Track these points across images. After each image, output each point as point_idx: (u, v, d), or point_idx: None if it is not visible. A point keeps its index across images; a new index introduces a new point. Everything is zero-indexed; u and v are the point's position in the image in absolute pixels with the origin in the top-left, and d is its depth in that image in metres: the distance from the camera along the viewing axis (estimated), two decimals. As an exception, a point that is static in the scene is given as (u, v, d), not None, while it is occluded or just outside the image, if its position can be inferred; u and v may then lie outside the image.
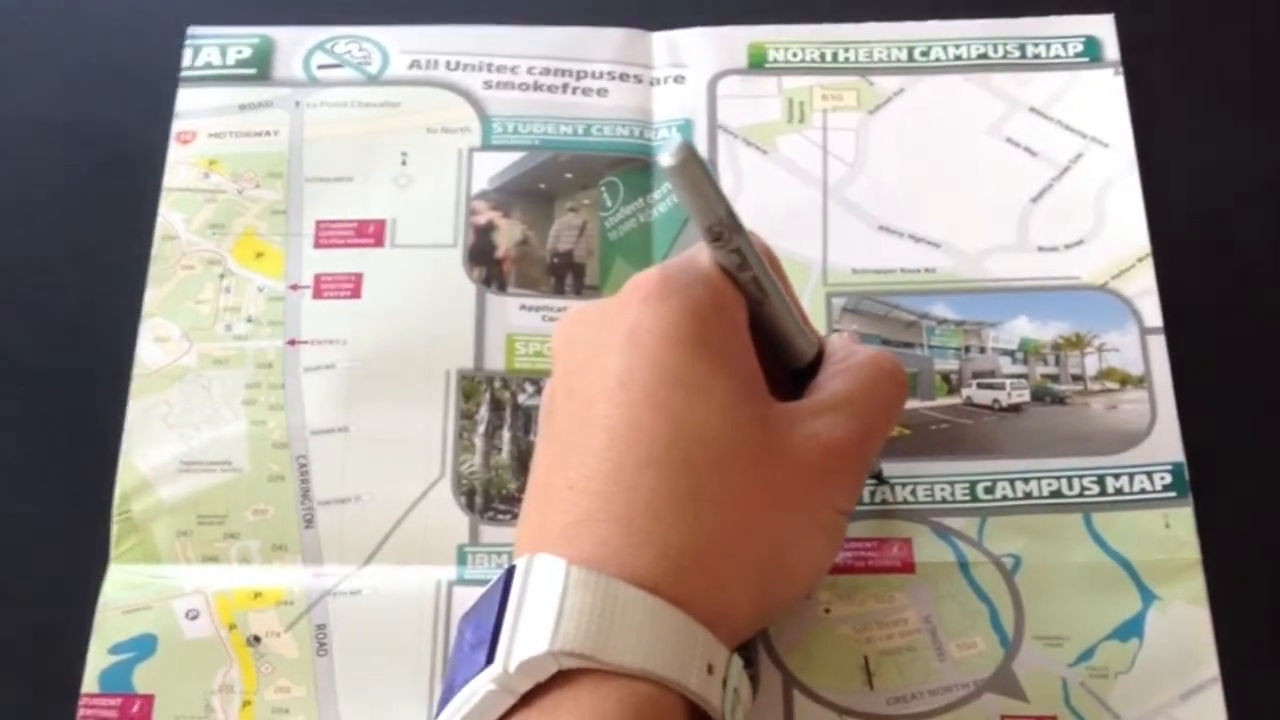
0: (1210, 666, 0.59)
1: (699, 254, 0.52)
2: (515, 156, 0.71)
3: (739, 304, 0.52)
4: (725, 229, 0.50)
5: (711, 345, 0.50)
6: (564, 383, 0.53)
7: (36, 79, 0.73)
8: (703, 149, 0.70)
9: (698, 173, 0.48)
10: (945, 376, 0.66)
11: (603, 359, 0.51)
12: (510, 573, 0.48)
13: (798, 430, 0.51)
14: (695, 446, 0.49)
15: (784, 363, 0.55)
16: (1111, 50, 0.73)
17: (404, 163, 0.70)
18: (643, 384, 0.49)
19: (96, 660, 0.60)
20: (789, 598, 0.54)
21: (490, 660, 0.46)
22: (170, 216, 0.69)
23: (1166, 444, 0.63)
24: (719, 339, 0.51)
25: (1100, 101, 0.71)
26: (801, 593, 0.56)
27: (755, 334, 0.53)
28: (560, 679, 0.45)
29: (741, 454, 0.49)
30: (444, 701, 0.47)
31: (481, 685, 0.45)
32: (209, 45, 0.73)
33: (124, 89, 0.73)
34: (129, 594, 0.61)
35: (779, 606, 0.54)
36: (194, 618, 0.61)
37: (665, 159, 0.47)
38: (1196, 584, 0.60)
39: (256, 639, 0.60)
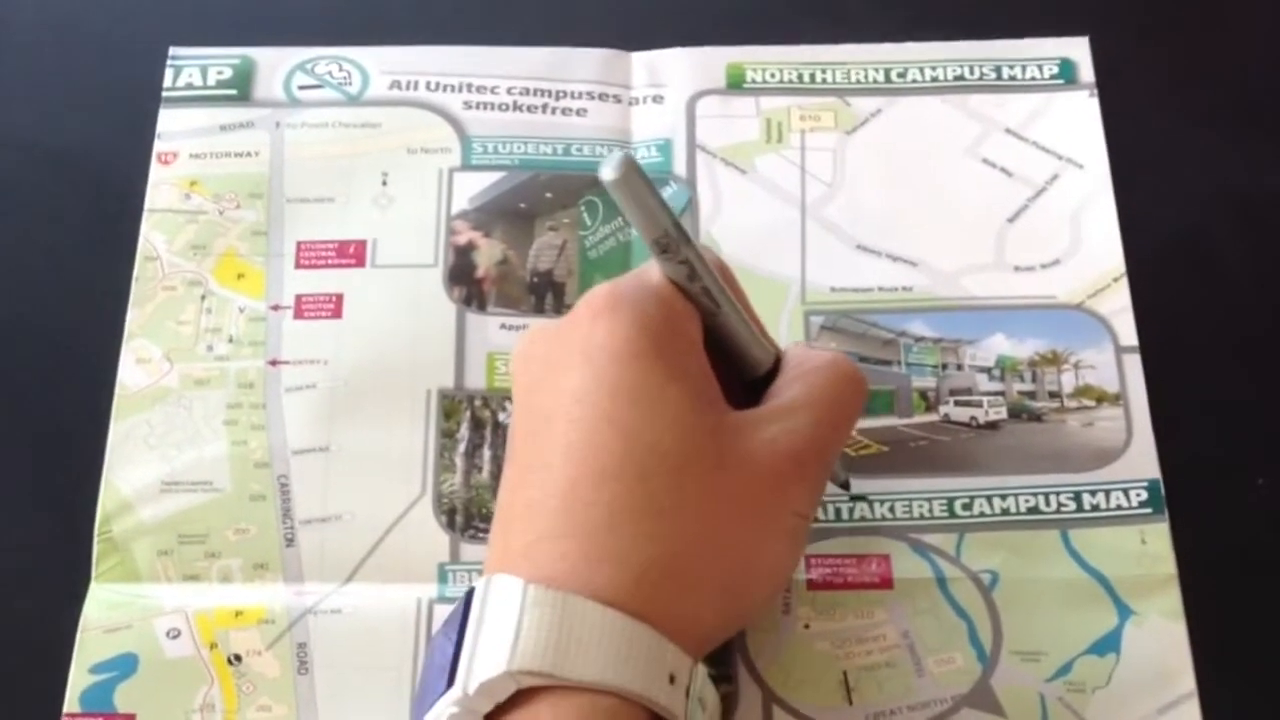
0: (1187, 681, 0.59)
1: (649, 269, 0.52)
2: (495, 176, 0.71)
3: (690, 316, 0.52)
4: (671, 241, 0.50)
5: (663, 358, 0.50)
6: (523, 402, 0.54)
7: (17, 99, 0.74)
8: (681, 169, 0.71)
9: (640, 186, 0.48)
10: (923, 394, 0.66)
11: (557, 377, 0.51)
12: (471, 594, 0.48)
13: (754, 437, 0.51)
14: (650, 458, 0.49)
15: (742, 373, 0.55)
16: (1086, 72, 0.73)
17: (384, 183, 0.71)
18: (596, 399, 0.50)
19: (78, 680, 0.60)
20: (754, 605, 0.54)
21: (451, 683, 0.46)
22: (152, 237, 0.69)
23: (1142, 461, 0.64)
24: (670, 351, 0.51)
25: (1075, 123, 0.72)
26: (766, 599, 0.56)
27: (711, 345, 0.53)
28: (521, 697, 0.45)
29: (697, 464, 0.50)
30: None
31: (444, 709, 0.46)
32: (190, 66, 0.73)
33: (105, 110, 0.73)
34: (110, 613, 0.61)
35: (745, 614, 0.54)
36: (175, 637, 0.61)
37: (606, 173, 0.47)
38: (1173, 599, 0.61)
39: (237, 658, 0.60)
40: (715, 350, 0.53)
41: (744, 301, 0.55)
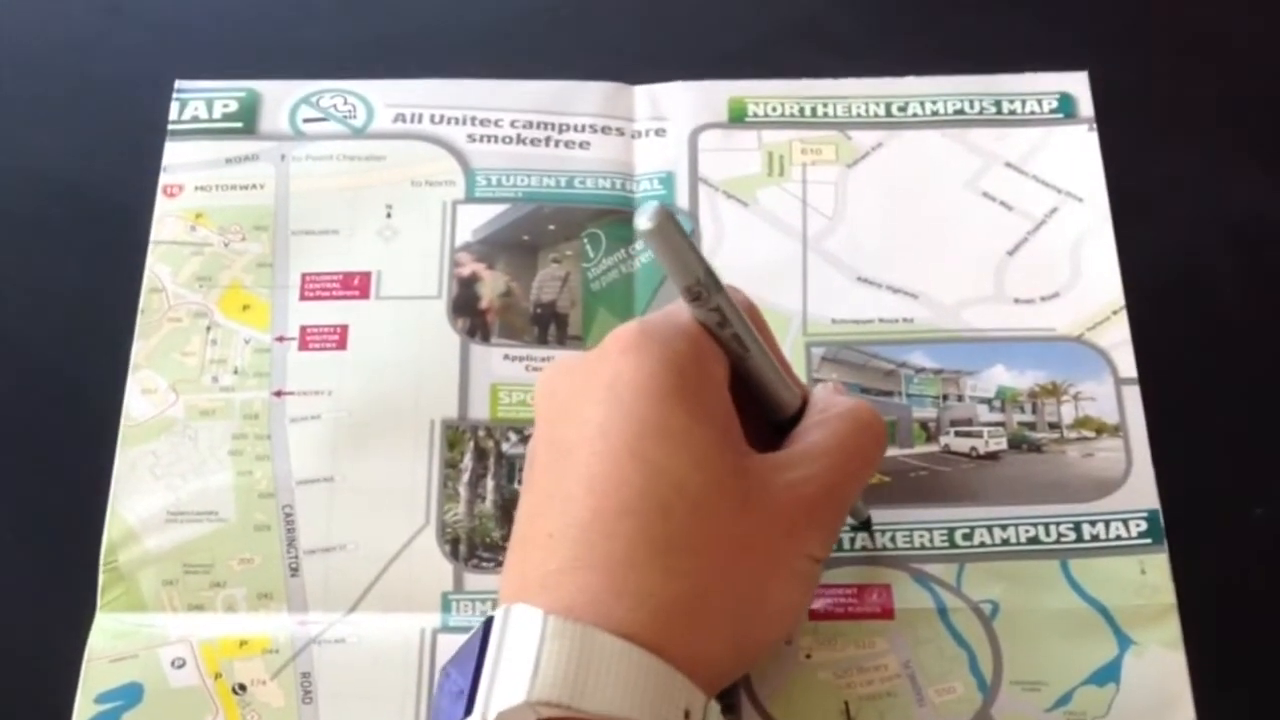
0: (1186, 711, 0.59)
1: (679, 308, 0.53)
2: (499, 209, 0.71)
3: (718, 358, 0.52)
4: (704, 289, 0.50)
5: (689, 397, 0.50)
6: (545, 433, 0.54)
7: (24, 131, 0.74)
8: (684, 201, 0.71)
9: (674, 235, 0.48)
10: (923, 424, 0.67)
11: (583, 409, 0.51)
12: (490, 622, 0.48)
13: (773, 481, 0.52)
14: (672, 495, 0.49)
15: (768, 415, 0.55)
16: (1085, 107, 0.74)
17: (389, 215, 0.71)
18: (621, 434, 0.50)
19: (84, 709, 0.60)
20: (766, 643, 0.54)
21: (469, 710, 0.46)
22: (157, 269, 0.69)
23: (1142, 491, 0.64)
24: (696, 391, 0.51)
25: (1074, 157, 0.72)
26: (778, 639, 0.56)
27: (739, 387, 0.53)
28: None
29: (717, 503, 0.50)
30: None
31: None
32: (196, 99, 0.74)
33: (111, 142, 0.73)
34: (116, 643, 0.61)
35: (757, 652, 0.54)
36: (180, 666, 0.61)
37: (642, 223, 0.48)
38: (1172, 629, 0.61)
39: (242, 687, 0.60)
40: (741, 392, 0.53)
41: (772, 343, 0.56)
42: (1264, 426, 0.66)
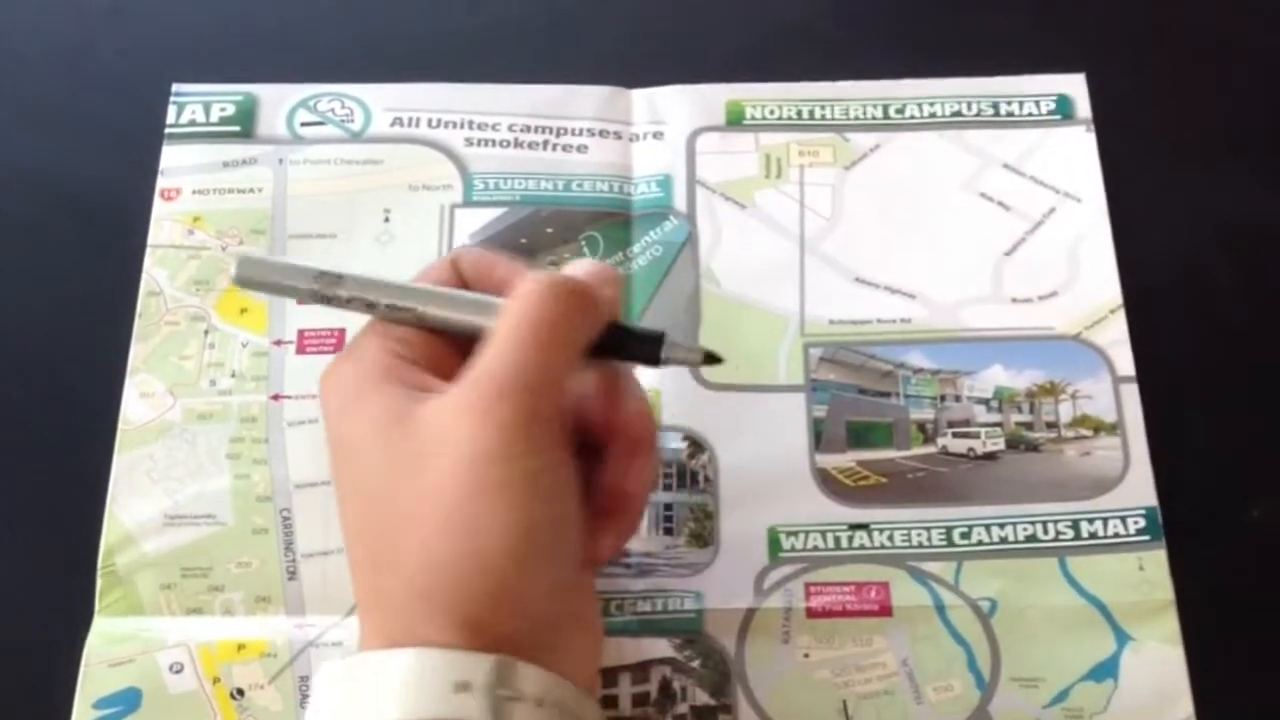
0: (1184, 706, 0.59)
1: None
2: (496, 213, 0.71)
3: (368, 345, 0.51)
4: (323, 298, 0.52)
5: (337, 412, 0.51)
6: None
7: (22, 134, 0.74)
8: (681, 204, 0.71)
9: (262, 278, 0.51)
10: (921, 426, 0.67)
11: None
12: None
13: (447, 409, 0.48)
14: (359, 507, 0.50)
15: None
16: (1083, 108, 0.74)
17: (386, 220, 0.71)
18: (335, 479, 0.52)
19: (82, 715, 0.60)
20: (544, 576, 0.49)
21: None
22: (155, 273, 0.69)
23: (1140, 489, 0.64)
24: (340, 401, 0.51)
25: (1072, 158, 0.73)
26: (566, 558, 0.50)
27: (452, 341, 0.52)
28: None
29: (394, 479, 0.48)
30: None
31: None
32: (193, 103, 0.74)
33: (109, 146, 0.73)
34: (114, 647, 0.61)
35: (539, 592, 0.49)
36: (178, 671, 0.61)
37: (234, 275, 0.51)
38: (1170, 625, 0.61)
39: (240, 692, 0.61)
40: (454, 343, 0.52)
41: (461, 281, 0.54)
42: (1261, 423, 0.66)
